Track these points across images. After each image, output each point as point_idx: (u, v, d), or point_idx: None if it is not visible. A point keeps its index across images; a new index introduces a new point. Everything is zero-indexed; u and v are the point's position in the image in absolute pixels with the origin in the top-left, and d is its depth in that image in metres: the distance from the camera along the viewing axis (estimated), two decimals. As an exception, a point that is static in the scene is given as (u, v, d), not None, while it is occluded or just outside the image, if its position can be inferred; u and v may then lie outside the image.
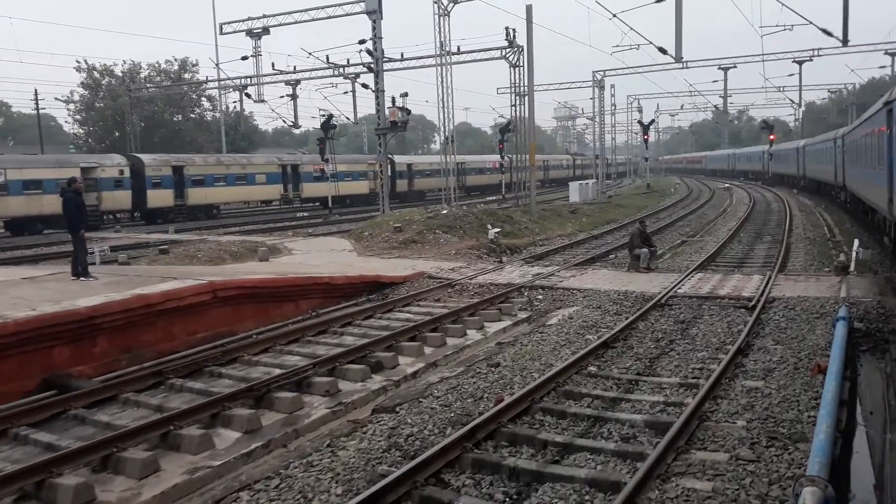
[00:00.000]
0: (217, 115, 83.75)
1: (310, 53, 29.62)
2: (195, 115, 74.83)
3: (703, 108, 78.51)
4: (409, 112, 28.53)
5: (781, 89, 58.66)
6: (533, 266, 18.49)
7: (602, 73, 50.77)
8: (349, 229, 27.27)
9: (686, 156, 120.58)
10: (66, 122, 77.77)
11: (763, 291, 13.59)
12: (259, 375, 9.60)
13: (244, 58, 33.43)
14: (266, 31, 31.81)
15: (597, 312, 12.86)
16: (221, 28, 32.65)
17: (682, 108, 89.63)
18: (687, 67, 48.45)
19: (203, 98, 73.71)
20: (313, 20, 29.63)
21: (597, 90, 53.72)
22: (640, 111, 79.24)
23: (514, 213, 29.73)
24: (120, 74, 70.53)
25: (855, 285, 13.95)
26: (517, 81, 40.70)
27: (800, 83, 47.73)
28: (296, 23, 30.26)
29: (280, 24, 30.93)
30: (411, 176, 55.67)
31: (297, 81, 49.52)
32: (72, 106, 69.98)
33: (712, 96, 59.45)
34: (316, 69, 42.45)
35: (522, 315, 13.58)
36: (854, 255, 16.12)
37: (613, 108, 58.80)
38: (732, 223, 30.29)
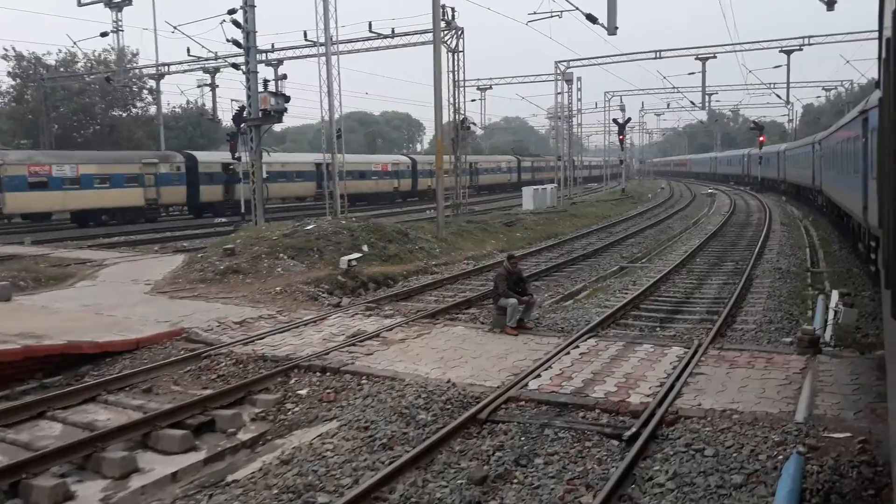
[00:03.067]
0: (176, 109, 78.13)
1: (175, 28, 23.81)
2: (138, 108, 68.96)
3: (690, 108, 72.72)
4: (287, 99, 22.74)
5: (771, 86, 52.93)
6: (369, 316, 12.70)
7: (566, 63, 44.97)
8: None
9: (673, 159, 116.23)
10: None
11: (665, 395, 7.82)
12: None
13: (103, 34, 27.60)
14: (128, 1, 25.95)
15: (351, 444, 7.06)
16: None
17: (668, 106, 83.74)
18: (661, 58, 42.94)
19: (145, 90, 67.64)
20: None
21: (563, 84, 47.87)
22: (623, 109, 73.54)
23: (420, 227, 23.96)
24: (53, 63, 64.72)
25: (827, 381, 8.18)
26: (456, 68, 35.06)
27: (787, 76, 42.01)
28: (159, -11, 24.38)
29: (141, -8, 25.12)
30: (231, 181, 40.35)
31: (217, 69, 43.85)
32: (-1, 99, 64.13)
33: (695, 93, 53.63)
34: (230, 56, 36.93)
35: (247, 434, 7.81)
36: (833, 315, 10.35)
37: (580, 103, 52.86)
38: (695, 241, 24.62)
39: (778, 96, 46.64)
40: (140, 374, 9.51)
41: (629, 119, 57.51)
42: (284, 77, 23.02)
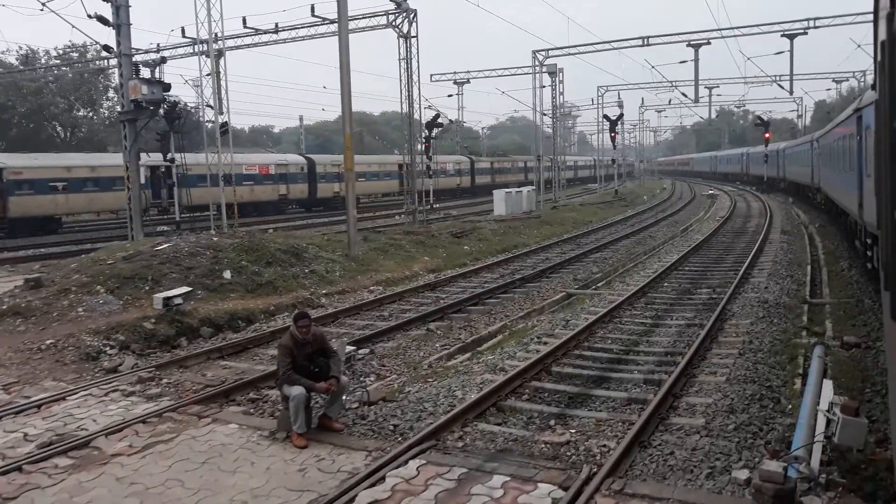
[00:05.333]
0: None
1: (44, 5, 19.70)
2: (104, 108, 65.25)
3: (691, 104, 67.95)
4: (166, 87, 18.58)
5: (775, 78, 48.24)
6: (129, 395, 8.47)
7: (545, 52, 40.54)
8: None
9: (677, 157, 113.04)
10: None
11: None
12: None
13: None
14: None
15: None
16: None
17: (669, 102, 79.06)
18: (649, 45, 38.46)
19: (111, 89, 63.81)
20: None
21: (545, 76, 43.45)
22: (621, 106, 69.03)
23: (335, 242, 19.73)
24: (14, 62, 61.17)
25: None
26: (409, 56, 30.75)
27: (791, 65, 37.26)
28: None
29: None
30: (6, 189, 30.69)
31: (164, 60, 39.90)
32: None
33: (692, 87, 48.99)
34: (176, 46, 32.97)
35: None
36: (825, 424, 5.99)
37: (562, 97, 48.21)
38: (673, 256, 20.32)
39: (781, 87, 42.00)
40: None
41: (622, 115, 53.07)
42: (164, 61, 18.93)
